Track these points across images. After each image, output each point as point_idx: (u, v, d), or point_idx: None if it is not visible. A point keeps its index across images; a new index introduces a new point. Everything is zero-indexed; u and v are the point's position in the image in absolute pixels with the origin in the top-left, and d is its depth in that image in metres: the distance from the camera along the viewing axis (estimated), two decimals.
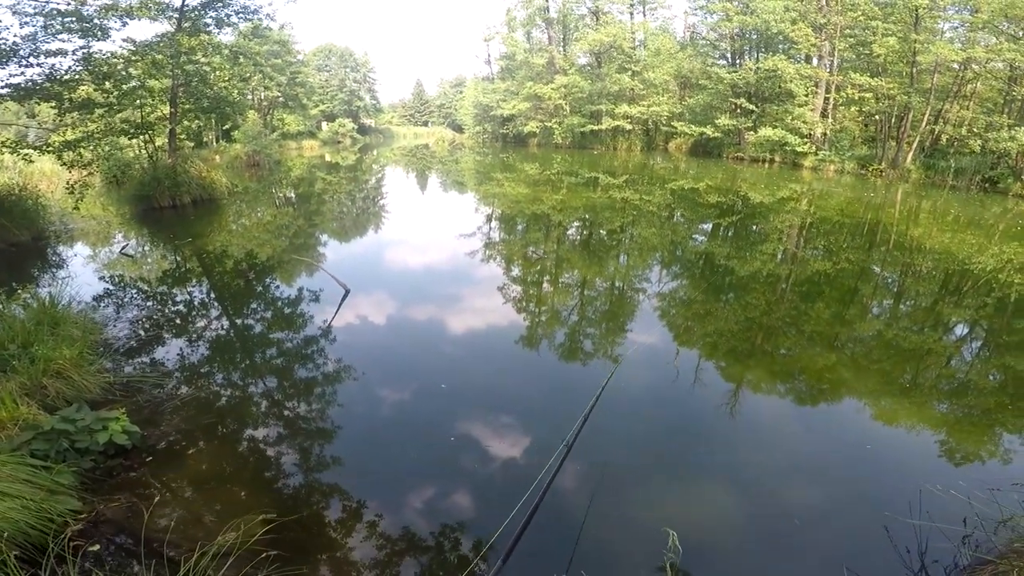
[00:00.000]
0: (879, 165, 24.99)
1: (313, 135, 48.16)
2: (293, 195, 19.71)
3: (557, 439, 4.04)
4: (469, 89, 55.73)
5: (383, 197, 20.19)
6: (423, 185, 24.23)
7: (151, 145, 14.78)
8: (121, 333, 6.20)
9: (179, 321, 6.97)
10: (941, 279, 9.55)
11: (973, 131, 23.54)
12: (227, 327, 6.93)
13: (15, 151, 11.51)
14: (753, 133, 30.16)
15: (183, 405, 4.70)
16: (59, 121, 12.66)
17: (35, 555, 2.85)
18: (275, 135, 35.49)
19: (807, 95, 28.44)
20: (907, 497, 3.57)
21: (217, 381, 5.34)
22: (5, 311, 5.33)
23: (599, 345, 6.55)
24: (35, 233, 10.77)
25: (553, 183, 21.08)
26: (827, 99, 28.24)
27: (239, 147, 27.55)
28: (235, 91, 17.68)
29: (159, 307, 7.46)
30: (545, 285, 9.08)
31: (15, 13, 11.31)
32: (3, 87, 11.30)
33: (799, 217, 15.21)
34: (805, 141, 27.91)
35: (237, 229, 13.20)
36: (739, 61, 33.46)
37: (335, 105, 57.61)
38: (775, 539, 3.43)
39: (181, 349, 5.96)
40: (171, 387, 5.01)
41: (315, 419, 4.71)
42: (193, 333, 6.52)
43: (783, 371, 5.83)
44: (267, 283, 8.74)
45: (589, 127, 38.32)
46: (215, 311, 7.57)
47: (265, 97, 39.12)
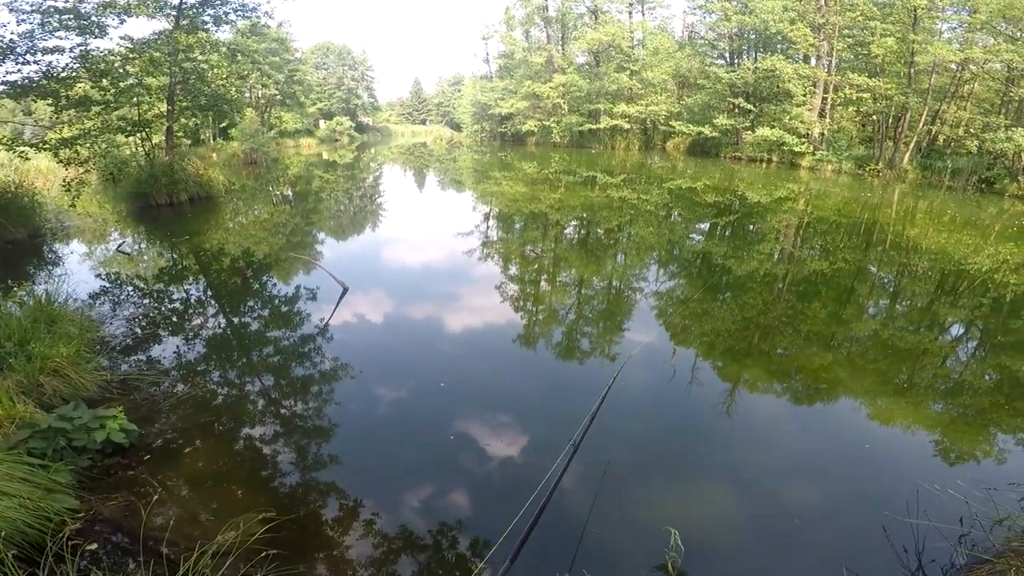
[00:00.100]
0: (876, 165, 25.05)
1: (311, 133, 48.08)
2: (290, 193, 19.66)
3: (557, 438, 4.04)
4: (467, 88, 55.65)
5: (381, 195, 20.16)
6: (421, 183, 24.21)
7: (148, 143, 14.74)
8: (118, 331, 6.19)
9: (176, 319, 6.95)
10: (937, 279, 9.59)
11: (970, 132, 23.60)
12: (225, 325, 6.91)
13: (11, 148, 11.46)
14: (751, 133, 30.21)
15: (180, 403, 4.69)
16: (56, 118, 12.60)
17: (33, 554, 2.83)
18: (272, 133, 35.42)
19: (805, 95, 28.49)
20: (904, 496, 3.58)
21: (215, 379, 5.33)
22: (1, 308, 5.31)
23: (599, 344, 6.55)
24: (31, 231, 10.73)
25: (551, 182, 21.07)
26: (825, 99, 28.29)
27: (236, 145, 27.47)
28: (233, 89, 17.62)
29: (156, 305, 7.43)
30: (543, 284, 9.08)
31: (12, 10, 11.25)
32: (0, 84, 11.25)
33: (796, 217, 15.24)
34: (803, 141, 27.96)
35: (234, 227, 13.17)
36: (737, 61, 33.50)
37: (333, 103, 57.48)
38: (775, 538, 3.44)
39: (178, 347, 5.94)
40: (168, 385, 5.00)
41: (314, 417, 4.70)
42: (190, 331, 6.50)
43: (782, 371, 5.85)
44: (264, 281, 8.72)
45: (587, 126, 38.33)
46: (212, 309, 7.55)
47: (263, 95, 39.04)
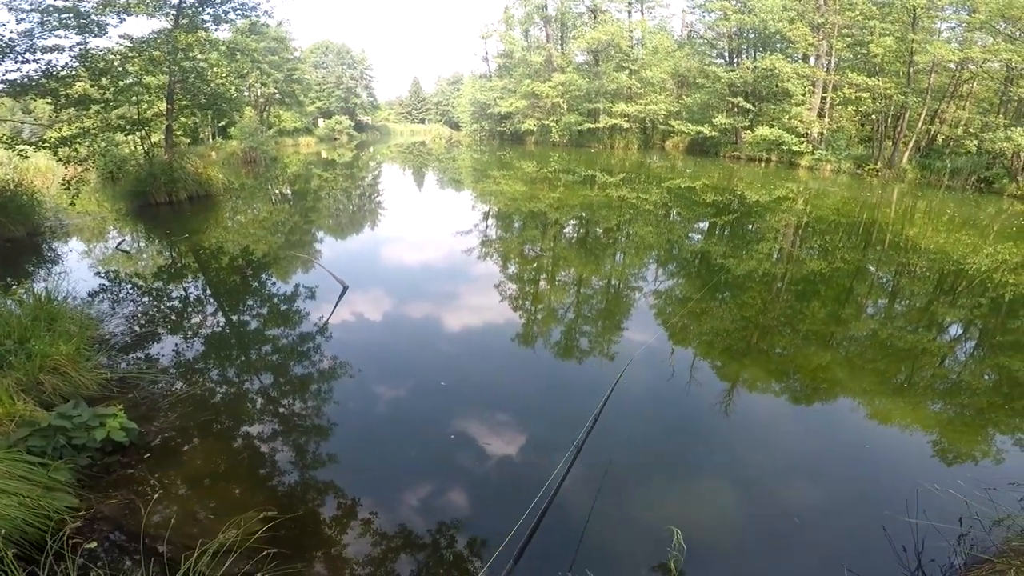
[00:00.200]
0: (875, 165, 25.05)
1: (310, 132, 47.99)
2: (289, 192, 19.64)
3: (557, 438, 4.04)
4: (466, 87, 55.56)
5: (380, 194, 20.15)
6: (420, 182, 24.20)
7: (147, 141, 14.71)
8: (117, 329, 6.17)
9: (176, 317, 6.94)
10: (936, 279, 9.60)
11: (969, 131, 23.63)
12: (224, 323, 6.90)
13: (10, 147, 11.45)
14: (750, 132, 30.19)
15: (180, 402, 4.68)
16: (55, 117, 12.58)
17: (33, 553, 2.83)
18: (271, 132, 35.37)
19: (804, 94, 28.49)
20: (904, 496, 3.58)
21: (214, 378, 5.33)
22: (1, 306, 5.30)
23: (599, 344, 6.55)
24: (30, 229, 10.72)
25: (550, 181, 21.06)
26: (824, 98, 28.28)
27: (235, 144, 27.43)
28: (232, 88, 17.60)
29: (155, 303, 7.43)
30: (543, 283, 9.08)
31: (11, 9, 11.23)
32: None
33: (795, 216, 15.25)
34: (802, 140, 27.97)
35: (233, 225, 13.15)
36: (736, 60, 33.47)
37: (332, 102, 57.38)
38: (775, 538, 3.45)
39: (178, 345, 5.94)
40: (168, 383, 4.99)
41: (314, 416, 4.70)
42: (190, 329, 6.49)
43: (782, 371, 5.85)
44: (264, 279, 8.71)
45: (586, 125, 38.29)
46: (212, 307, 7.54)
47: (262, 94, 38.96)
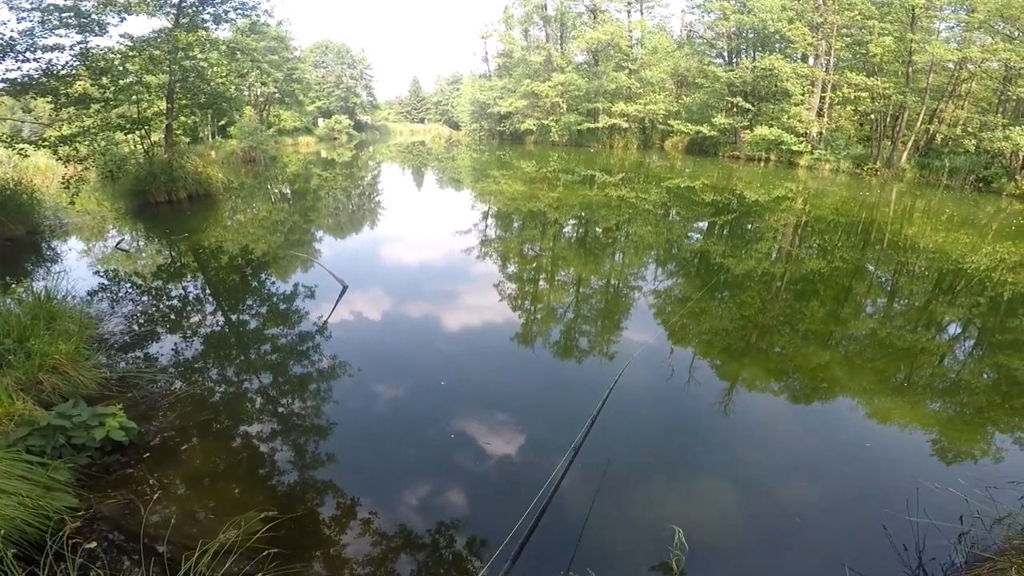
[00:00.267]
0: (874, 164, 25.07)
1: (309, 131, 47.99)
2: (289, 191, 19.63)
3: (558, 437, 4.04)
4: (466, 86, 55.55)
5: (380, 194, 20.14)
6: (420, 182, 24.18)
7: (147, 140, 14.71)
8: (117, 328, 6.16)
9: (175, 316, 6.93)
10: (935, 278, 9.60)
11: (968, 131, 23.64)
12: (224, 323, 6.89)
13: (10, 145, 11.44)
14: (749, 132, 30.20)
15: (180, 401, 4.68)
16: (55, 116, 12.58)
17: (32, 553, 2.82)
18: (271, 131, 35.35)
19: (803, 94, 28.50)
20: (904, 495, 3.58)
21: (214, 377, 5.32)
22: (0, 305, 5.29)
23: (598, 344, 6.55)
24: (30, 227, 10.72)
25: (550, 181, 21.05)
26: (823, 98, 28.29)
27: (235, 143, 27.41)
28: (232, 87, 17.58)
29: (155, 302, 7.42)
30: (543, 283, 9.08)
31: (12, 8, 11.22)
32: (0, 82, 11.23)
33: (795, 216, 15.25)
34: (801, 140, 27.97)
35: (233, 225, 13.14)
36: (736, 60, 33.47)
37: (331, 101, 57.38)
38: (776, 537, 3.44)
39: (177, 345, 5.93)
40: (167, 383, 4.99)
41: (313, 416, 4.69)
42: (189, 329, 6.48)
43: (782, 370, 5.85)
44: (263, 279, 8.71)
45: (586, 125, 38.28)
46: (211, 306, 7.54)
47: (262, 93, 38.96)
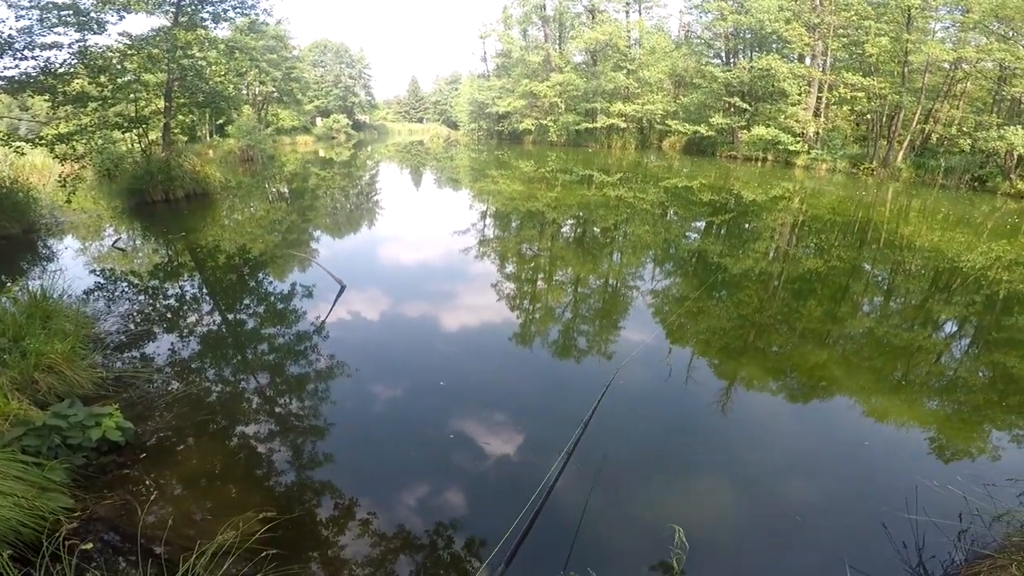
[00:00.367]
0: (870, 164, 25.15)
1: (307, 130, 47.94)
2: (287, 190, 19.57)
3: (557, 436, 4.02)
4: (465, 86, 55.52)
5: (378, 193, 20.10)
6: (418, 181, 24.15)
7: (145, 139, 14.66)
8: (113, 328, 6.13)
9: (172, 316, 6.90)
10: (931, 277, 9.63)
11: (963, 130, 23.75)
12: (221, 322, 6.86)
13: (7, 144, 11.38)
14: (746, 132, 30.25)
15: (176, 401, 4.65)
16: (52, 114, 12.52)
17: (28, 554, 2.80)
18: (269, 130, 35.26)
19: (800, 94, 28.56)
20: (903, 493, 3.59)
21: (211, 377, 5.29)
22: None
23: (597, 343, 6.54)
24: (26, 226, 10.67)
25: (548, 181, 21.05)
26: (820, 98, 28.37)
27: (233, 142, 27.33)
28: (230, 86, 17.52)
29: (151, 302, 7.38)
30: (541, 283, 9.06)
31: (11, 6, 11.18)
32: None
33: (792, 215, 15.28)
34: (798, 140, 28.04)
35: (231, 224, 13.10)
36: (733, 60, 33.53)
37: (330, 101, 57.28)
38: (776, 535, 3.44)
39: (174, 344, 5.90)
40: (164, 383, 4.96)
41: (312, 416, 4.67)
42: (186, 328, 6.45)
43: (780, 369, 5.85)
44: (261, 278, 8.67)
45: (584, 125, 38.30)
46: (208, 306, 7.50)
47: (260, 92, 38.87)
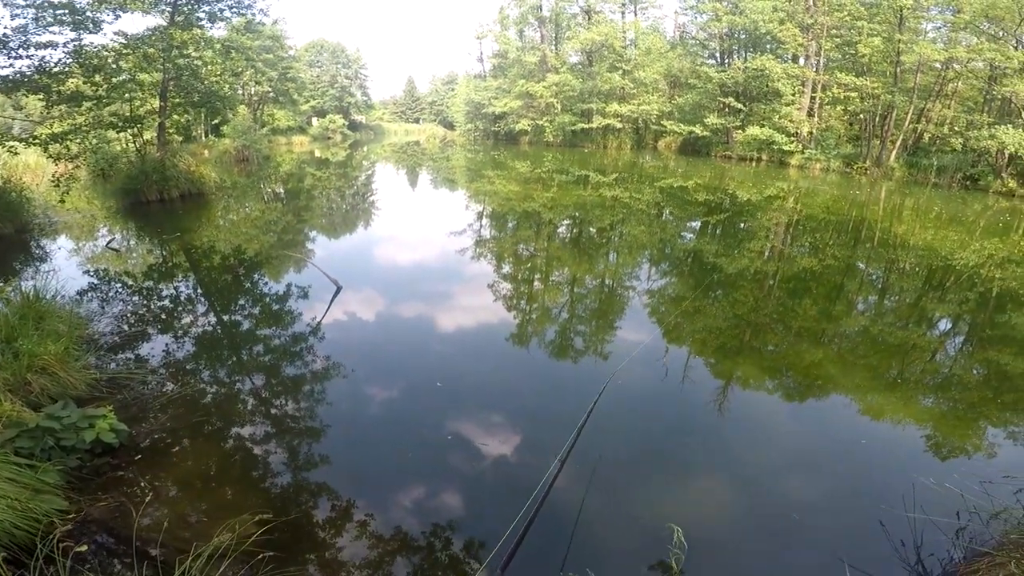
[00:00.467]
0: (864, 163, 25.28)
1: (303, 131, 47.75)
2: (282, 190, 19.50)
3: (555, 437, 4.01)
4: (461, 86, 55.46)
5: (374, 194, 20.05)
6: (414, 182, 24.10)
7: (140, 139, 14.57)
8: (107, 329, 6.09)
9: (166, 317, 6.86)
10: (925, 275, 9.68)
11: (954, 130, 23.93)
12: (216, 323, 6.82)
13: (0, 143, 11.28)
14: (741, 132, 30.33)
15: (171, 402, 4.62)
16: (46, 113, 12.44)
17: (22, 556, 2.77)
18: (265, 130, 35.13)
19: (794, 94, 28.67)
20: (901, 491, 3.59)
21: (206, 378, 5.25)
22: None
23: (595, 344, 6.54)
24: (18, 226, 10.59)
25: (544, 181, 21.05)
26: (813, 98, 28.48)
27: (228, 142, 27.20)
28: (226, 86, 17.45)
29: (146, 302, 7.33)
30: (537, 283, 9.06)
31: (7, 4, 11.11)
32: None
33: (786, 215, 15.32)
34: (792, 140, 28.15)
35: (226, 224, 13.03)
36: (728, 61, 33.64)
37: (326, 101, 57.10)
38: (774, 535, 3.44)
39: (169, 346, 5.86)
40: (159, 384, 4.92)
41: (308, 418, 4.64)
42: (181, 329, 6.40)
43: (777, 369, 5.86)
44: (256, 279, 8.63)
45: (580, 125, 38.32)
46: (203, 307, 7.46)
47: (256, 92, 38.74)
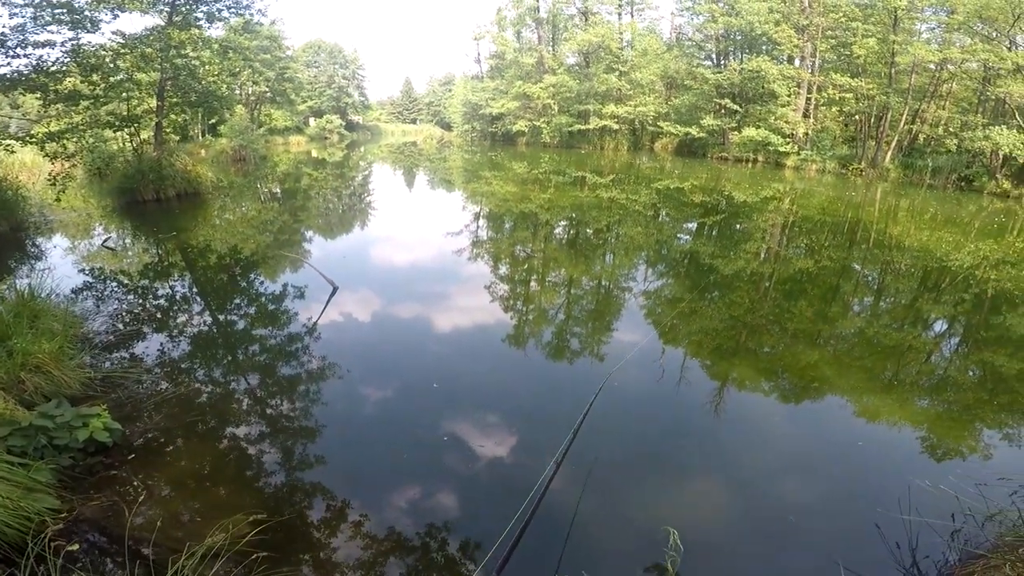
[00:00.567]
0: (859, 164, 25.36)
1: (300, 131, 47.68)
2: (279, 191, 19.46)
3: (551, 439, 4.00)
4: (458, 87, 55.44)
5: (371, 194, 20.03)
6: (411, 183, 24.08)
7: (136, 138, 14.54)
8: (102, 327, 6.06)
9: (161, 316, 6.83)
10: (920, 276, 9.71)
11: (949, 130, 24.00)
12: (211, 323, 6.80)
13: None
14: (737, 133, 30.42)
15: (165, 402, 4.60)
16: (43, 112, 12.42)
17: (12, 555, 2.76)
18: (262, 130, 35.07)
19: (789, 95, 28.77)
20: (896, 493, 3.59)
21: (201, 378, 5.23)
22: None
23: (592, 345, 6.54)
24: (14, 224, 10.57)
25: (541, 182, 21.06)
26: (809, 99, 28.58)
27: (225, 142, 27.15)
28: (224, 86, 17.42)
29: (141, 302, 7.30)
30: (534, 284, 9.06)
31: (5, 4, 11.08)
32: None
33: (782, 216, 15.37)
34: (787, 141, 28.23)
35: (222, 224, 12.99)
36: (724, 62, 33.69)
37: (323, 101, 57.03)
38: (770, 537, 3.44)
39: (164, 345, 5.84)
40: (153, 383, 4.90)
41: (303, 418, 4.62)
42: (176, 329, 6.38)
43: (773, 371, 5.87)
44: (252, 279, 8.61)
45: (577, 126, 38.34)
46: (198, 306, 7.44)
47: (253, 92, 38.64)
